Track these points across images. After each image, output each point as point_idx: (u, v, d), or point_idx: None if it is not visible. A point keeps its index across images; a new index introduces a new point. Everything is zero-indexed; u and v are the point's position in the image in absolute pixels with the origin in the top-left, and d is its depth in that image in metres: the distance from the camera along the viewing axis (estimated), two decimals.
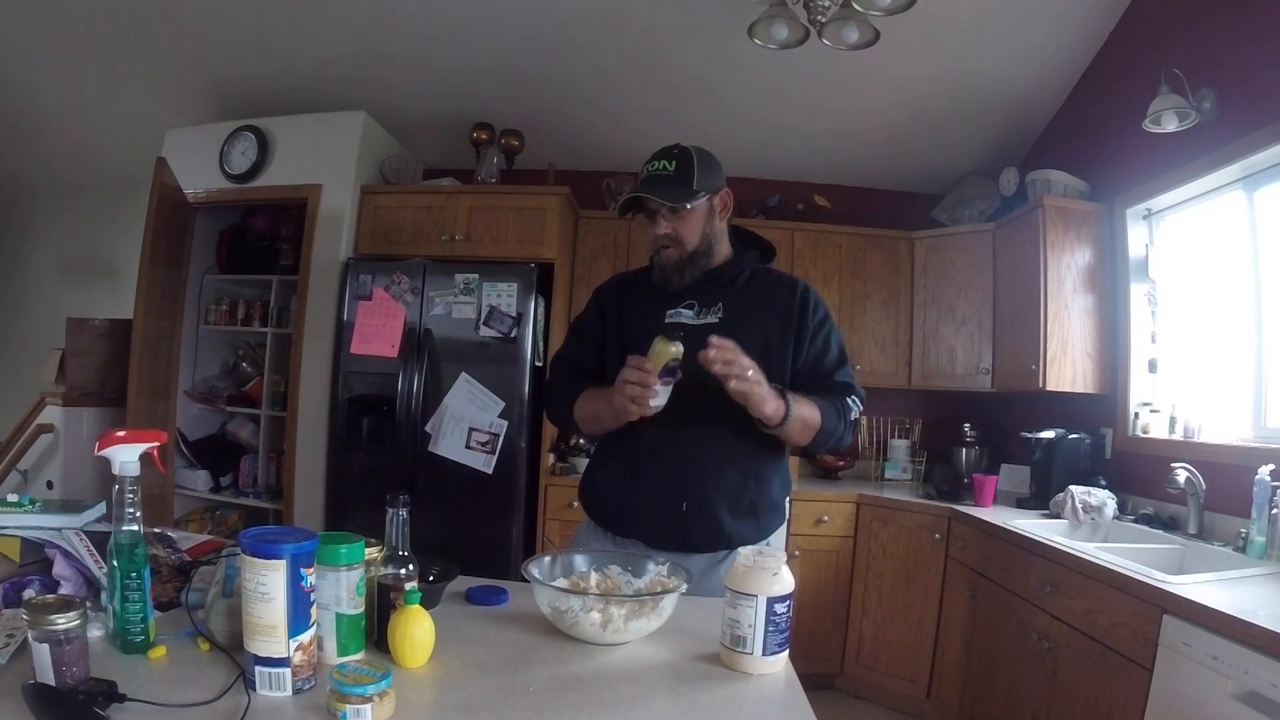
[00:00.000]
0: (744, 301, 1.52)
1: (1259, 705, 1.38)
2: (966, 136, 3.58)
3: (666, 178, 1.47)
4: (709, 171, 1.50)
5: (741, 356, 1.31)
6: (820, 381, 1.51)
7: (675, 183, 1.46)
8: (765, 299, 1.53)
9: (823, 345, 1.53)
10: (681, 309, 1.52)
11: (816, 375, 1.52)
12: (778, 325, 1.51)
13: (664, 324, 1.49)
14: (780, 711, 0.95)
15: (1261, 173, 2.32)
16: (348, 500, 3.22)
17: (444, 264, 3.20)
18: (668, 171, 1.47)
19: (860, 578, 3.17)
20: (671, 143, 1.54)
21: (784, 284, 1.57)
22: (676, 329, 1.41)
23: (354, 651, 0.98)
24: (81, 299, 4.23)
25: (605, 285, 1.70)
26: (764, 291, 1.54)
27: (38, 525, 1.18)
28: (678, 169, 1.47)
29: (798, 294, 1.54)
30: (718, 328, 1.44)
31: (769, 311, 1.52)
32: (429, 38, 3.18)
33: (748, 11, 2.61)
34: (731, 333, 1.42)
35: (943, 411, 3.74)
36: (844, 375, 1.54)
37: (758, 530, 1.50)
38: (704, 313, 1.51)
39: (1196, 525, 2.28)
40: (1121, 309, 2.87)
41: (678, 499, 1.46)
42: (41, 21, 3.25)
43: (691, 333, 1.43)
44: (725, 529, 1.46)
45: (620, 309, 1.59)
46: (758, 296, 1.53)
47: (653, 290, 1.56)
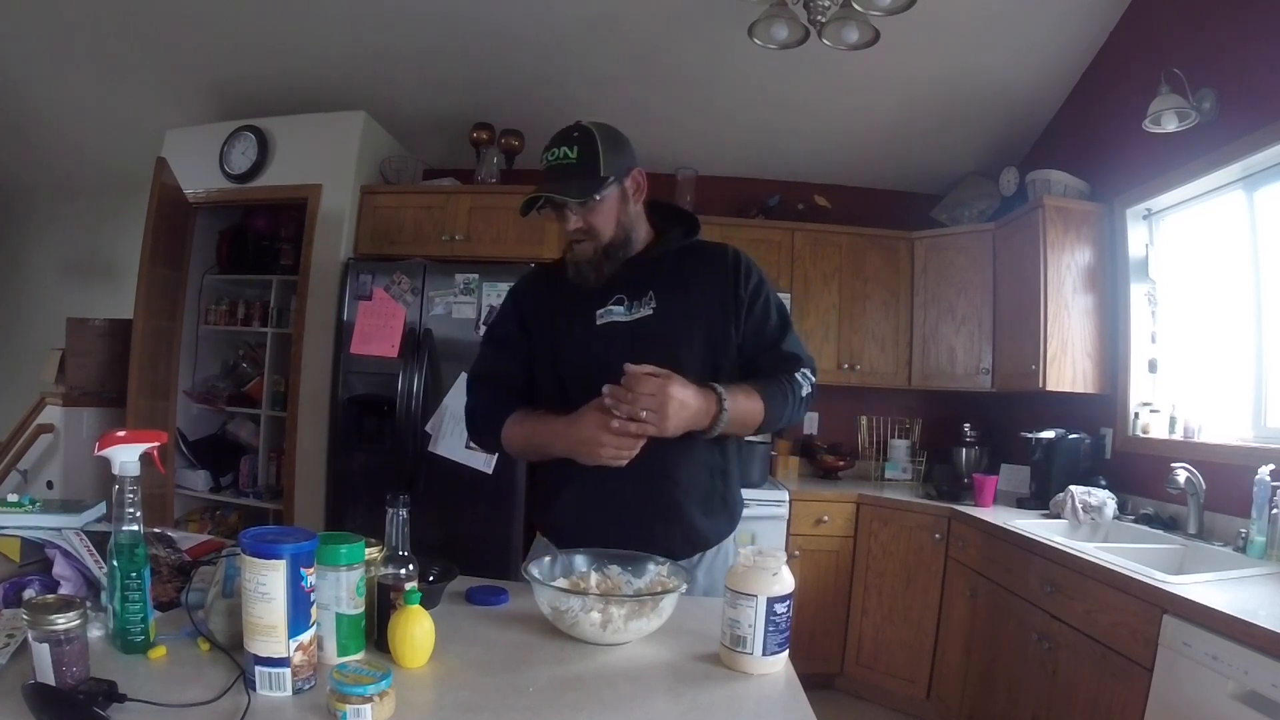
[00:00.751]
0: (676, 285, 1.40)
1: (1259, 705, 1.38)
2: (966, 136, 3.58)
3: (569, 168, 1.31)
4: (617, 152, 1.34)
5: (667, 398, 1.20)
6: (764, 354, 1.41)
7: (580, 173, 1.31)
8: (697, 277, 1.41)
9: (762, 313, 1.42)
10: (611, 306, 1.39)
11: (760, 347, 1.42)
12: (716, 302, 1.40)
13: (595, 325, 1.38)
14: (780, 711, 0.95)
15: (1261, 173, 2.32)
16: (348, 500, 3.22)
17: (444, 264, 3.20)
18: (570, 160, 1.31)
19: (860, 578, 3.17)
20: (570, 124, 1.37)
21: (713, 256, 1.45)
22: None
23: (354, 651, 0.98)
24: (81, 299, 4.23)
25: (522, 285, 1.53)
26: (694, 269, 1.42)
27: (38, 525, 1.18)
28: (581, 156, 1.31)
29: (729, 263, 1.42)
30: (652, 320, 1.37)
31: (704, 290, 1.40)
32: (429, 38, 3.18)
33: (747, 11, 2.61)
34: (667, 321, 1.36)
35: (943, 411, 3.74)
36: (790, 344, 1.43)
37: (729, 523, 1.46)
38: (636, 306, 1.38)
39: (1196, 525, 2.28)
40: (1121, 309, 2.87)
41: (649, 509, 1.36)
42: (41, 21, 3.25)
43: (628, 328, 1.36)
44: (700, 530, 1.40)
45: (543, 312, 1.45)
46: (689, 276, 1.41)
47: (576, 287, 1.41)
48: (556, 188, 1.32)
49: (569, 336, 1.40)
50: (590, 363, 1.36)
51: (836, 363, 3.57)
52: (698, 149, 3.73)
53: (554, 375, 1.42)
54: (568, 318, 1.41)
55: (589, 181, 1.31)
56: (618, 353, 1.33)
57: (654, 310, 1.38)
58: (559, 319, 1.42)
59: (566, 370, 1.40)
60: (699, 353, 1.38)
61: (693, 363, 1.36)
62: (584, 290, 1.40)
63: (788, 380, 1.38)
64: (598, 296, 1.40)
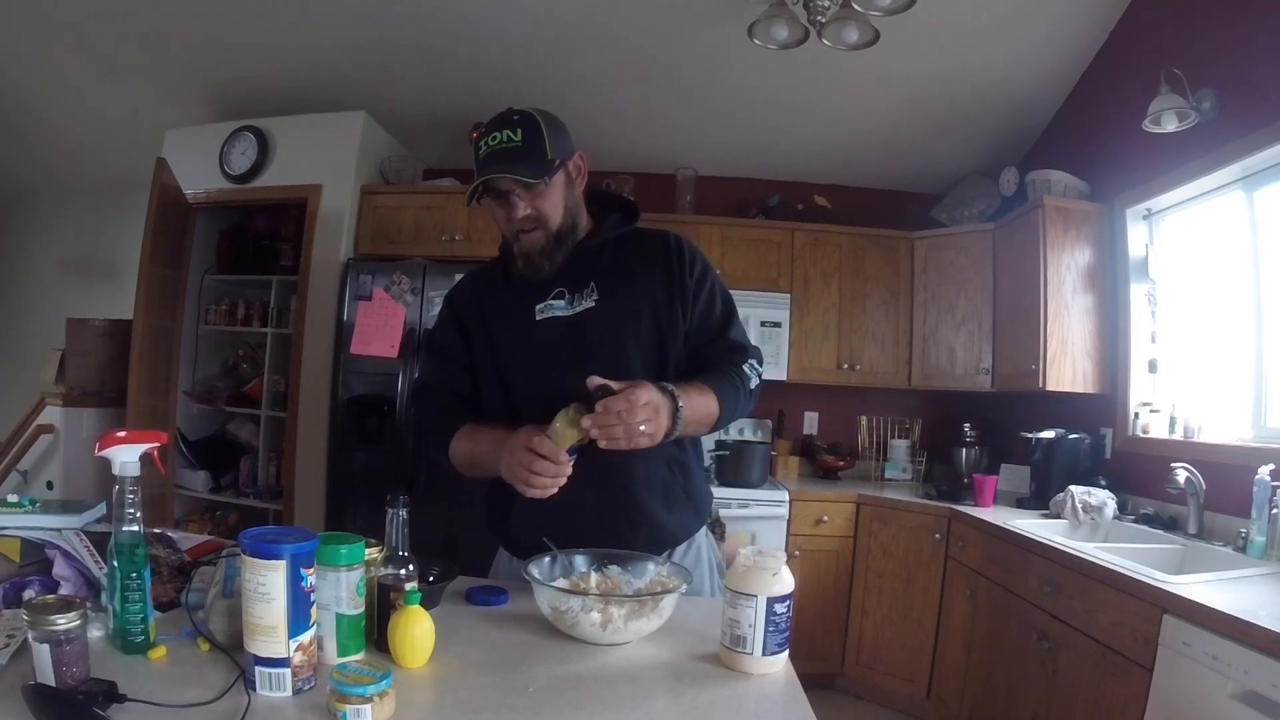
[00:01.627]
0: (617, 275, 1.33)
1: (1259, 705, 1.38)
2: (966, 136, 3.58)
3: (515, 150, 1.24)
4: (559, 135, 1.29)
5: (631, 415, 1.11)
6: (710, 345, 1.36)
7: (527, 155, 1.24)
8: (640, 266, 1.35)
9: (707, 302, 1.36)
10: (551, 300, 1.32)
11: (705, 337, 1.36)
12: (661, 291, 1.33)
13: (534, 321, 1.32)
14: (780, 711, 0.95)
15: (1261, 173, 2.32)
16: (348, 500, 3.22)
17: (444, 264, 3.20)
18: (514, 143, 1.24)
19: (860, 578, 3.17)
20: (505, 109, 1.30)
21: (655, 244, 1.38)
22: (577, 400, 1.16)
23: (354, 651, 0.98)
24: (81, 299, 4.24)
25: (456, 292, 1.45)
26: (637, 258, 1.36)
27: (38, 525, 1.18)
28: (525, 139, 1.24)
29: (671, 250, 1.36)
30: (595, 312, 1.31)
31: (648, 279, 1.34)
32: (429, 38, 3.18)
33: (747, 12, 2.61)
34: (612, 314, 1.31)
35: (943, 411, 3.74)
36: (735, 333, 1.37)
37: (697, 517, 1.41)
38: (577, 299, 1.32)
39: (1196, 525, 2.28)
40: (1121, 309, 2.87)
41: (610, 511, 1.30)
42: (41, 22, 3.25)
43: (570, 322, 1.31)
44: (665, 526, 1.35)
45: (482, 316, 1.38)
46: (631, 266, 1.35)
47: (512, 285, 1.35)
48: (506, 169, 1.23)
49: (508, 335, 1.34)
50: (532, 361, 1.32)
51: (836, 363, 3.57)
52: (697, 149, 3.73)
53: (496, 377, 1.36)
54: (505, 316, 1.35)
55: (538, 163, 1.25)
56: (560, 348, 1.30)
57: (596, 302, 1.32)
58: (496, 319, 1.36)
59: (508, 371, 1.35)
60: (646, 344, 1.32)
61: (640, 355, 1.31)
62: (521, 287, 1.34)
63: (736, 374, 1.32)
64: (535, 291, 1.33)
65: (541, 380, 1.30)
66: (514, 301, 1.35)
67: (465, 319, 1.40)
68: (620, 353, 1.30)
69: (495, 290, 1.39)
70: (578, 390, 1.17)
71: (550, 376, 1.28)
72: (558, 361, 1.29)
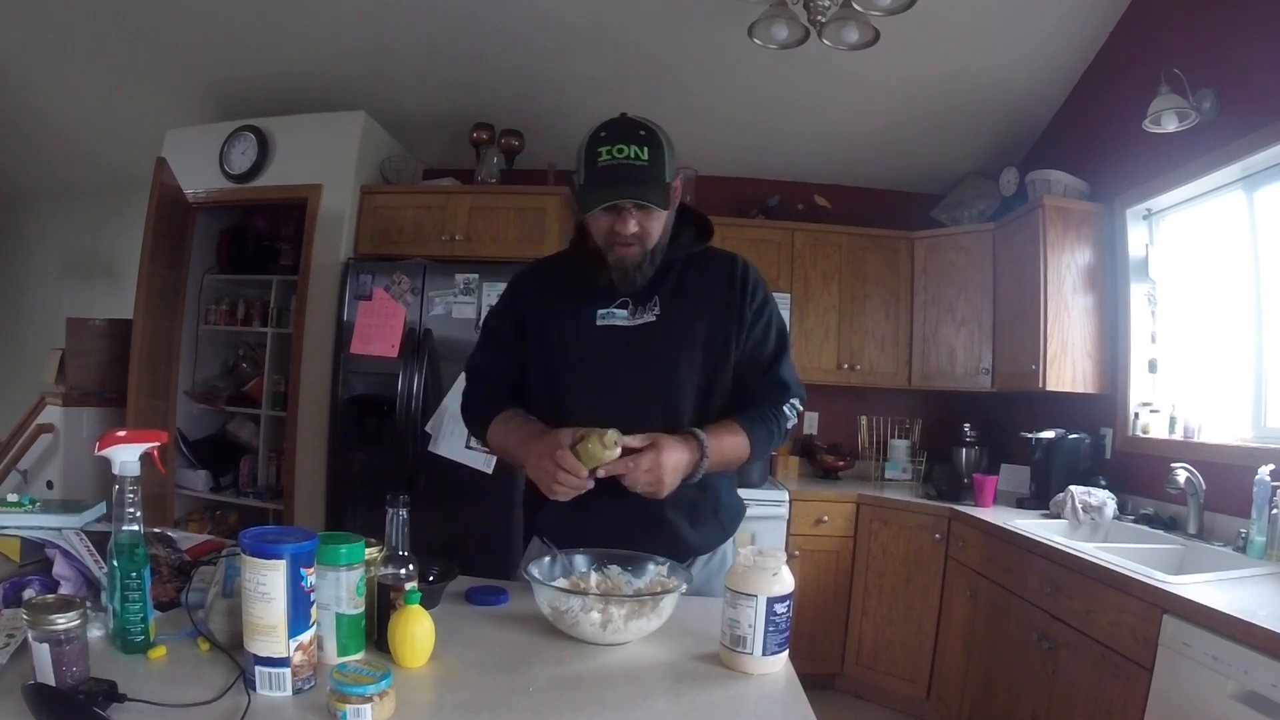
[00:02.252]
0: (681, 295, 1.36)
1: (1259, 705, 1.38)
2: (966, 136, 3.58)
3: (641, 170, 1.23)
4: (674, 156, 1.29)
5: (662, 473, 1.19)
6: (756, 378, 1.38)
7: (653, 177, 1.24)
8: (703, 288, 1.37)
9: (761, 334, 1.38)
10: (614, 309, 1.34)
11: (753, 370, 1.38)
12: (718, 317, 1.36)
13: (594, 327, 1.34)
14: (780, 711, 0.95)
15: (1261, 173, 2.32)
16: (348, 500, 3.22)
17: (444, 264, 3.20)
18: (640, 162, 1.23)
19: (860, 578, 3.17)
20: (619, 114, 1.31)
21: (721, 267, 1.40)
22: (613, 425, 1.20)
23: (354, 651, 0.98)
24: (81, 299, 4.23)
25: (520, 281, 1.48)
26: (701, 279, 1.38)
27: (38, 525, 1.18)
28: (651, 159, 1.24)
29: (736, 277, 1.38)
30: (655, 327, 1.33)
31: (708, 302, 1.36)
32: (429, 37, 3.18)
33: (747, 12, 2.60)
34: (670, 331, 1.33)
35: (943, 411, 3.74)
36: (783, 370, 1.39)
37: (721, 532, 1.43)
38: (639, 311, 1.34)
39: (1196, 525, 2.28)
40: (1121, 309, 2.87)
41: (634, 519, 1.31)
42: (41, 22, 3.25)
43: (629, 333, 1.34)
44: (687, 539, 1.37)
45: (541, 311, 1.40)
46: (696, 286, 1.37)
47: (577, 285, 1.37)
48: (635, 191, 1.23)
49: (566, 335, 1.36)
50: (586, 365, 1.35)
51: (836, 363, 3.57)
52: (698, 149, 3.72)
53: (545, 373, 1.39)
54: (566, 316, 1.37)
55: (661, 188, 1.26)
56: (616, 357, 1.32)
57: (657, 318, 1.34)
58: (556, 316, 1.38)
59: (560, 369, 1.37)
60: (697, 365, 1.35)
61: (690, 375, 1.34)
62: (585, 289, 1.36)
63: (774, 412, 1.35)
64: (599, 296, 1.35)
65: (593, 386, 1.34)
66: (577, 303, 1.37)
67: (524, 310, 1.42)
68: (672, 371, 1.33)
69: (559, 287, 1.40)
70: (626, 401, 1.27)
71: (602, 383, 1.32)
72: (612, 370, 1.33)
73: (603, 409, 1.28)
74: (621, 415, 1.26)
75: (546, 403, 1.39)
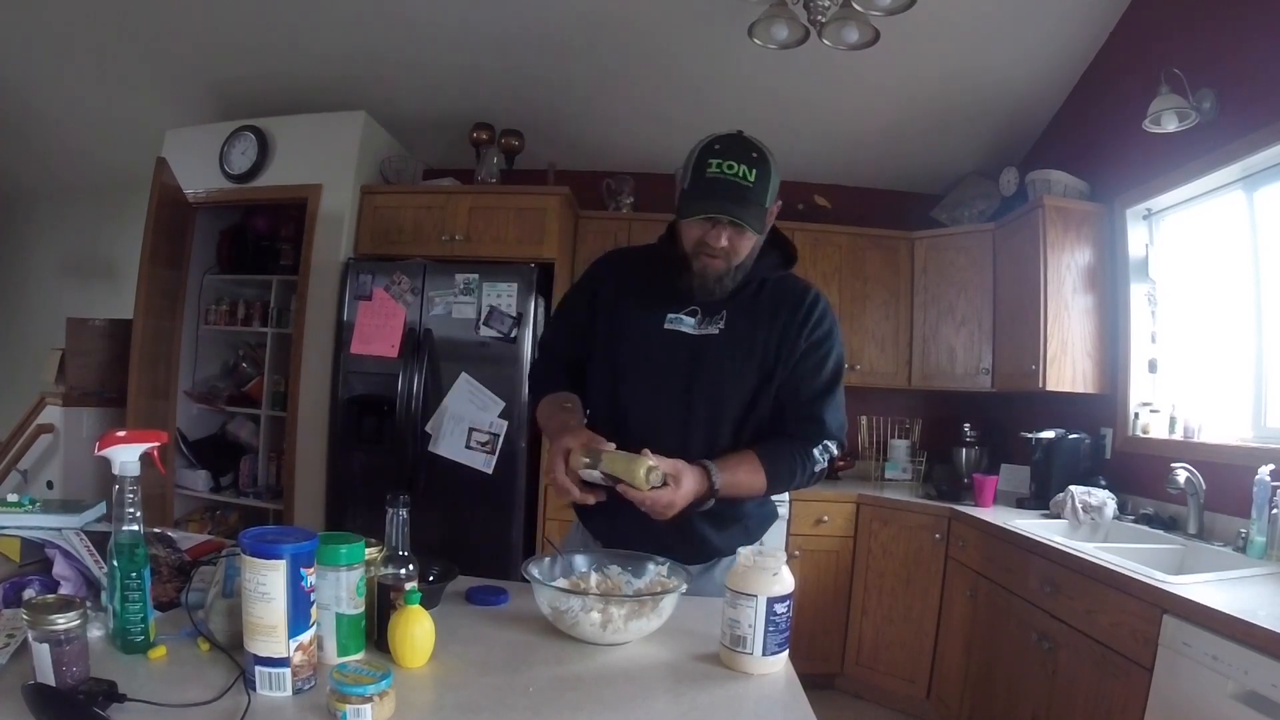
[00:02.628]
0: (750, 314, 1.38)
1: (1259, 705, 1.38)
2: (966, 136, 3.58)
3: (745, 190, 1.25)
4: (778, 181, 1.32)
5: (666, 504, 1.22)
6: (795, 410, 1.38)
7: (755, 199, 1.26)
8: (772, 312, 1.38)
9: (814, 366, 1.38)
10: (684, 315, 1.38)
11: (795, 400, 1.38)
12: (776, 342, 1.37)
13: (661, 329, 1.38)
14: (780, 711, 0.95)
15: (1261, 173, 2.32)
16: (348, 500, 3.22)
17: (444, 264, 3.20)
18: (747, 183, 1.24)
19: (860, 578, 3.17)
20: (736, 130, 1.32)
21: (794, 295, 1.41)
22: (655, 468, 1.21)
23: (354, 651, 0.98)
24: (81, 299, 4.23)
25: (602, 265, 1.51)
26: (773, 303, 1.39)
27: (38, 525, 1.18)
28: (757, 181, 1.25)
29: (804, 308, 1.39)
30: (716, 339, 1.36)
31: (772, 327, 1.38)
32: (429, 38, 3.18)
33: (748, 11, 2.60)
34: (729, 348, 1.36)
35: (943, 411, 3.74)
36: (826, 409, 1.37)
37: (746, 535, 1.44)
38: (706, 322, 1.37)
39: (1196, 525, 2.28)
40: (1121, 309, 2.87)
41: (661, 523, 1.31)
42: (41, 23, 3.25)
43: (691, 341, 1.37)
44: (712, 542, 1.40)
45: (615, 296, 1.43)
46: (766, 309, 1.38)
47: (655, 284, 1.40)
48: (735, 210, 1.25)
49: (635, 332, 1.40)
50: (646, 364, 1.39)
51: None
52: None
53: (608, 362, 1.43)
54: (638, 312, 1.41)
55: (759, 211, 1.28)
56: (675, 362, 1.37)
57: (719, 332, 1.37)
58: (629, 310, 1.42)
59: (621, 363, 1.41)
60: (747, 381, 1.38)
61: (737, 390, 1.37)
62: (661, 289, 1.39)
63: (802, 453, 1.35)
64: (672, 299, 1.39)
65: (647, 385, 1.38)
66: (651, 302, 1.40)
67: (600, 296, 1.46)
68: (720, 384, 1.36)
69: (638, 282, 1.43)
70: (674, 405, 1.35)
71: (656, 384, 1.37)
72: (667, 374, 1.37)
73: (652, 408, 1.36)
74: (667, 417, 1.35)
75: (603, 391, 1.44)
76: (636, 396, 1.39)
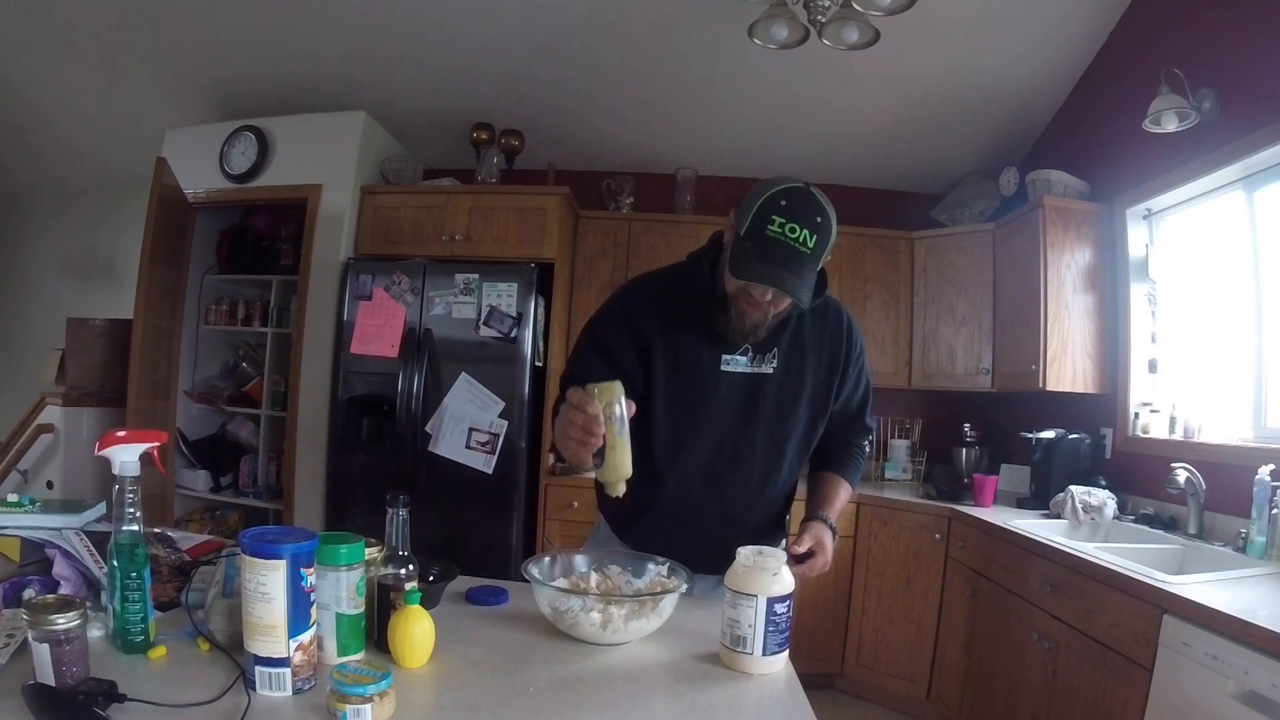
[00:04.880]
0: (798, 348, 1.41)
1: (1259, 705, 1.38)
2: (966, 136, 3.58)
3: (804, 258, 1.21)
4: (835, 241, 1.29)
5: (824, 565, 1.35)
6: (846, 423, 1.52)
7: (810, 267, 1.24)
8: (816, 342, 1.43)
9: (854, 384, 1.50)
10: (738, 355, 1.38)
11: (843, 417, 1.51)
12: (824, 372, 1.44)
13: (719, 371, 1.38)
14: (780, 711, 0.95)
15: (1261, 173, 2.32)
16: (348, 500, 3.22)
17: (444, 264, 3.20)
18: (806, 250, 1.21)
19: (860, 578, 3.17)
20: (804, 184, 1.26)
21: (830, 319, 1.45)
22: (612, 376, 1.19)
23: (354, 651, 0.98)
24: (81, 299, 4.23)
25: (636, 300, 1.43)
26: (815, 333, 1.43)
27: (38, 525, 1.18)
28: (815, 248, 1.22)
29: (843, 332, 1.45)
30: (771, 379, 1.39)
31: (818, 358, 1.43)
32: (429, 38, 3.18)
33: (748, 11, 2.60)
34: (784, 382, 1.40)
35: (943, 411, 3.74)
36: (867, 415, 1.56)
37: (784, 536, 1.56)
38: (759, 361, 1.39)
39: (1196, 525, 2.28)
40: (1121, 309, 2.87)
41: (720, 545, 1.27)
42: (41, 22, 3.25)
43: (747, 380, 1.38)
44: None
45: (666, 340, 1.39)
46: (810, 340, 1.42)
47: (700, 322, 1.37)
48: (791, 282, 1.22)
49: (693, 371, 1.38)
50: (707, 404, 1.39)
51: None
52: (697, 149, 3.73)
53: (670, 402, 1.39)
54: (695, 351, 1.38)
55: (812, 281, 1.26)
56: (732, 403, 1.40)
57: (774, 370, 1.40)
58: (685, 349, 1.38)
59: (685, 403, 1.39)
60: (802, 418, 1.43)
61: (795, 427, 1.43)
62: (708, 330, 1.36)
63: (860, 455, 1.56)
64: (724, 340, 1.37)
65: (707, 425, 1.40)
66: (704, 341, 1.38)
67: (643, 336, 1.39)
68: (780, 423, 1.42)
69: (683, 320, 1.39)
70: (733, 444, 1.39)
71: (716, 424, 1.40)
72: (729, 412, 1.40)
73: (711, 448, 1.40)
74: (730, 452, 1.40)
75: (670, 438, 1.40)
76: (701, 439, 1.40)
